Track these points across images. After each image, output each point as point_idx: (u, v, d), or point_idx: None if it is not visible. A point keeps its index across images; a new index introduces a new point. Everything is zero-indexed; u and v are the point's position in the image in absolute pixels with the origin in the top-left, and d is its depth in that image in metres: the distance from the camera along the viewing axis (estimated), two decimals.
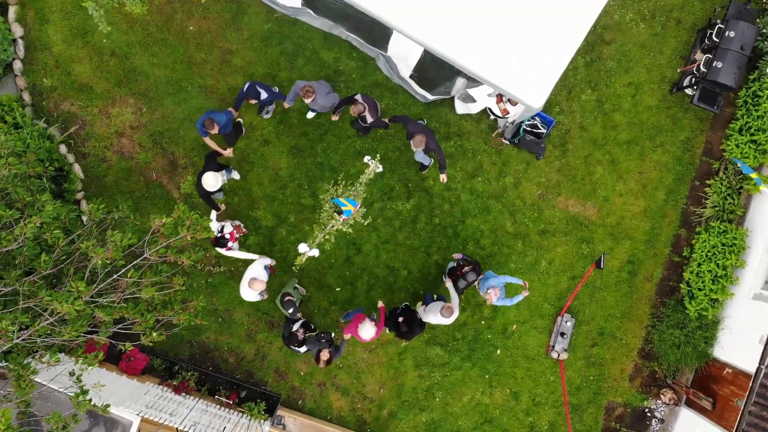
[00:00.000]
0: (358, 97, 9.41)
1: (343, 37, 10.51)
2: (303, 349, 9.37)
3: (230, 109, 9.67)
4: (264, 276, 9.22)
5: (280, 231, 10.67)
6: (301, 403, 10.86)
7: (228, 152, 9.85)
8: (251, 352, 10.74)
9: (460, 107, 10.48)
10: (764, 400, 9.18)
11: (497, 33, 8.42)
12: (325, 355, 9.06)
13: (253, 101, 9.64)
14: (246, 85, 9.53)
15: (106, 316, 7.37)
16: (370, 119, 9.59)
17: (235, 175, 10.46)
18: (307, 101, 9.16)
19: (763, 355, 9.20)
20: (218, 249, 9.62)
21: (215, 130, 9.19)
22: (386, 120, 9.93)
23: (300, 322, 9.48)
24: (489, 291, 9.31)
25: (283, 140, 10.65)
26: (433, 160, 10.54)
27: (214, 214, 9.68)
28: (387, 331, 9.88)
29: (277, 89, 9.89)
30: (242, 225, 10.00)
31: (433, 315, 9.38)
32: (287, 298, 9.22)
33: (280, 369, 10.78)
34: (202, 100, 10.55)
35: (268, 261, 9.47)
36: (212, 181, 9.14)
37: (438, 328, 10.82)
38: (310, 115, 10.51)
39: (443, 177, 9.76)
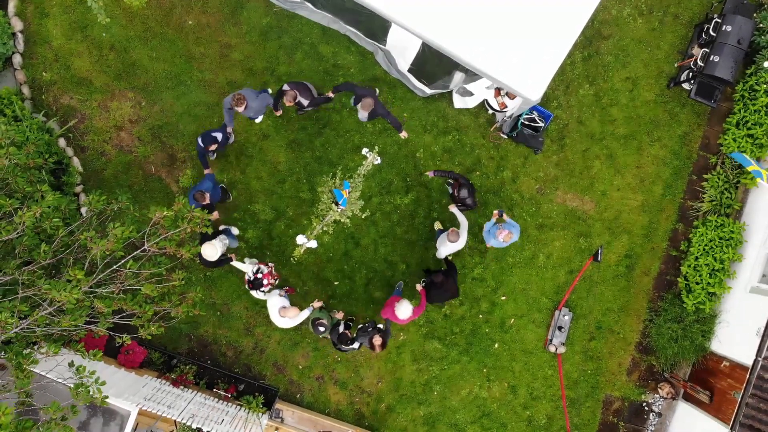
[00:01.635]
0: (286, 86, 9.26)
1: (341, 31, 10.54)
2: (356, 344, 9.30)
3: (206, 171, 9.54)
4: (287, 301, 9.25)
5: (279, 225, 10.68)
6: (299, 396, 10.88)
7: (215, 215, 9.46)
8: (249, 346, 10.76)
9: (458, 101, 10.52)
10: (761, 392, 9.21)
11: (495, 26, 8.45)
12: (377, 340, 8.97)
13: (214, 146, 9.43)
14: (199, 141, 9.33)
15: (105, 307, 7.40)
16: (305, 102, 9.46)
17: (235, 231, 10.43)
18: (240, 110, 8.96)
19: (759, 348, 9.23)
20: (253, 292, 9.48)
21: (207, 200, 8.99)
22: (329, 94, 9.66)
23: (342, 326, 9.47)
24: (503, 232, 9.28)
25: (282, 134, 10.68)
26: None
27: (248, 266, 9.53)
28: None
29: (227, 125, 9.66)
30: (273, 268, 9.85)
31: (443, 248, 9.35)
32: (319, 321, 9.16)
33: (279, 363, 10.80)
34: (201, 94, 10.58)
35: (280, 295, 9.39)
36: (210, 251, 8.91)
37: (436, 323, 10.84)
38: (259, 119, 10.19)
39: (404, 134, 9.71)
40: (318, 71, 10.65)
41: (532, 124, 10.49)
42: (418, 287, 9.64)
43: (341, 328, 9.39)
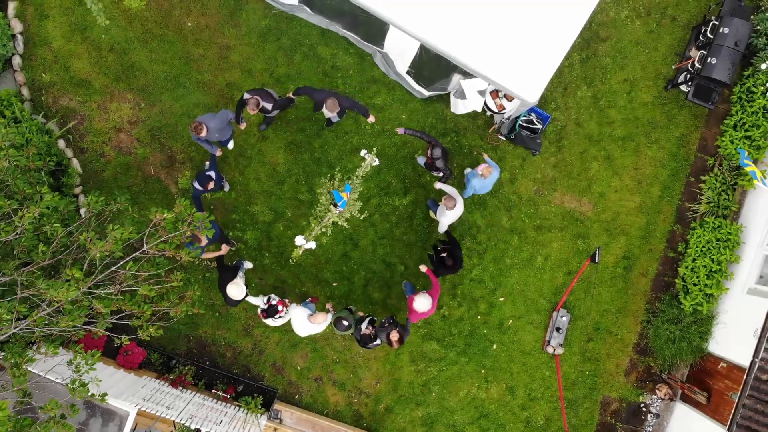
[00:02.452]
0: (246, 95, 9.13)
1: (340, 33, 10.57)
2: (377, 342, 9.35)
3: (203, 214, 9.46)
4: (313, 309, 9.32)
5: (278, 226, 10.71)
6: (298, 397, 10.91)
7: (224, 248, 9.60)
8: (248, 347, 10.78)
9: (460, 107, 10.49)
10: (758, 393, 9.23)
11: (492, 28, 8.50)
12: (394, 335, 9.01)
13: (211, 185, 9.31)
14: (195, 185, 9.20)
15: (104, 308, 7.43)
16: (269, 105, 9.32)
17: (248, 265, 10.47)
18: (203, 135, 8.91)
19: (756, 349, 9.25)
20: (268, 320, 9.39)
21: (204, 242, 8.96)
22: (290, 95, 9.56)
23: (366, 321, 9.47)
24: (482, 165, 9.33)
25: (281, 136, 10.71)
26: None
27: (260, 299, 9.56)
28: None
29: (214, 158, 9.65)
30: (287, 300, 9.83)
31: (444, 218, 9.38)
32: (342, 318, 9.19)
33: (277, 363, 10.82)
34: (200, 95, 10.61)
35: (304, 311, 9.39)
36: (236, 291, 8.98)
37: (434, 324, 10.86)
38: (217, 153, 9.83)
39: (371, 119, 9.66)
40: (317, 73, 10.68)
41: (530, 125, 10.52)
42: (423, 268, 9.59)
43: (364, 327, 9.40)
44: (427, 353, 10.94)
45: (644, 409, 11.22)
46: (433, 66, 9.59)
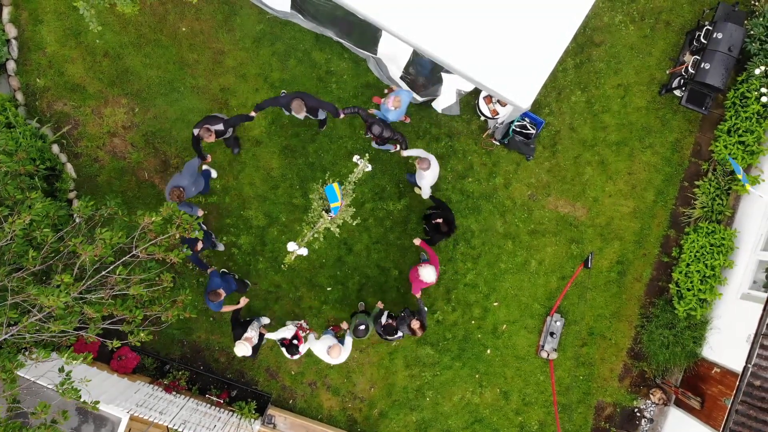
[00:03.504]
0: (194, 131, 8.97)
1: (333, 38, 10.57)
2: (400, 333, 9.38)
3: (209, 270, 9.48)
4: (334, 339, 9.32)
5: (272, 231, 10.72)
6: (291, 402, 10.90)
7: (243, 301, 9.57)
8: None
9: (440, 103, 10.48)
10: (751, 398, 9.22)
11: (485, 33, 8.50)
12: (415, 324, 9.05)
13: (200, 246, 9.29)
14: (189, 254, 9.17)
15: (95, 313, 7.44)
16: (221, 128, 9.14)
17: (265, 320, 10.46)
18: (185, 197, 8.94)
19: (749, 354, 9.25)
20: (291, 356, 9.34)
21: (222, 297, 9.05)
22: (251, 113, 9.36)
23: (385, 315, 9.51)
24: (390, 98, 9.31)
25: (275, 140, 10.72)
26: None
27: (289, 330, 9.45)
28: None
29: (203, 231, 9.70)
30: (303, 322, 9.80)
31: (423, 181, 9.38)
32: (360, 323, 9.24)
33: (271, 368, 10.82)
34: (194, 100, 10.62)
35: (324, 344, 9.37)
36: (243, 350, 8.98)
37: (429, 328, 10.84)
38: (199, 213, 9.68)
39: (342, 115, 9.54)
40: (311, 78, 10.70)
41: (524, 130, 10.52)
42: (417, 241, 9.65)
43: (384, 319, 9.43)
44: (422, 358, 10.93)
45: (638, 414, 11.21)
46: (425, 73, 9.59)
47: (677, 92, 10.91)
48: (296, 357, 9.30)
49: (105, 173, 10.59)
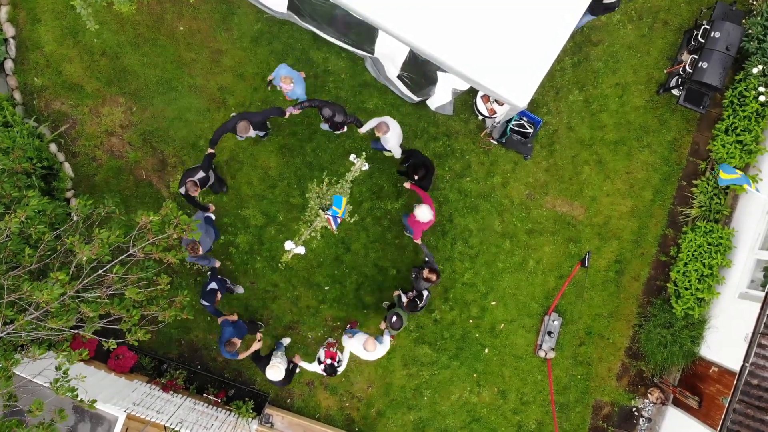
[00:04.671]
0: (181, 190, 9.02)
1: (330, 40, 10.56)
2: (425, 295, 9.47)
3: (220, 319, 9.58)
4: (366, 335, 9.37)
5: (269, 230, 10.71)
6: (289, 401, 10.89)
7: (256, 345, 9.44)
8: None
9: (434, 101, 10.49)
10: (749, 397, 9.21)
11: (482, 32, 8.49)
12: (426, 273, 9.14)
13: (219, 296, 9.53)
14: (203, 302, 9.37)
15: (91, 312, 7.43)
16: (202, 175, 9.17)
17: (286, 341, 10.57)
18: (201, 251, 8.96)
19: (747, 353, 9.23)
20: (334, 375, 9.44)
21: (237, 346, 9.14)
22: (211, 151, 9.32)
23: (403, 295, 9.65)
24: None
25: (273, 139, 10.72)
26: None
27: (317, 365, 9.49)
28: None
29: (215, 270, 9.89)
30: (330, 339, 9.85)
31: (388, 144, 9.42)
32: (394, 313, 9.28)
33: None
34: (192, 99, 10.63)
35: (358, 341, 9.40)
36: (275, 374, 8.96)
37: (426, 328, 10.85)
38: (216, 264, 10.25)
39: (287, 114, 9.59)
40: (308, 76, 10.68)
41: (521, 129, 10.52)
42: (407, 185, 9.72)
43: (404, 299, 9.56)
44: (419, 357, 10.92)
45: (636, 414, 11.20)
46: (421, 72, 9.59)
47: (675, 91, 10.90)
48: (341, 371, 9.37)
49: (103, 172, 10.60)
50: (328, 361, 9.24)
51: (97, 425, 8.60)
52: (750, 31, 10.38)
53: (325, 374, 9.31)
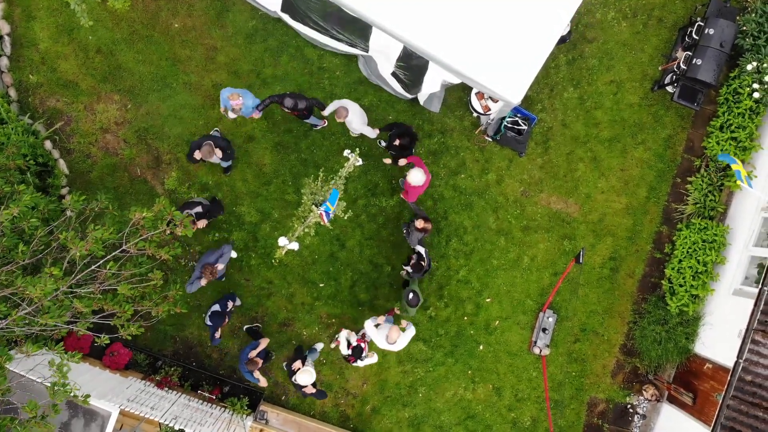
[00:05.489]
0: (185, 211, 9.23)
1: (318, 45, 10.54)
2: (426, 259, 9.70)
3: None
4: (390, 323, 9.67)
5: (264, 227, 10.73)
6: (284, 398, 10.90)
7: (263, 382, 9.75)
8: (235, 348, 10.77)
9: (424, 96, 10.52)
10: (742, 393, 9.21)
11: (475, 28, 8.51)
12: (419, 223, 9.36)
13: (226, 319, 9.72)
14: (208, 323, 9.61)
15: (84, 307, 7.44)
16: (201, 209, 9.55)
17: (319, 346, 10.67)
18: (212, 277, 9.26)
19: (741, 349, 9.24)
20: (358, 363, 9.67)
21: (260, 364, 9.44)
22: (192, 158, 9.56)
23: (407, 267, 9.95)
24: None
25: (268, 137, 10.73)
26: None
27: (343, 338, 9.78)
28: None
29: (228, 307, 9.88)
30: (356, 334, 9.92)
31: (353, 125, 9.66)
32: (410, 290, 9.47)
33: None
34: (186, 96, 10.64)
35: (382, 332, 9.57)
36: (306, 378, 9.11)
37: (421, 325, 10.85)
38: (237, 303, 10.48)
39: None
40: (303, 74, 10.72)
41: (516, 126, 10.53)
42: (402, 162, 9.90)
43: (409, 268, 9.77)
44: (414, 354, 10.93)
45: (631, 410, 11.21)
46: (415, 70, 9.60)
47: (669, 88, 10.91)
48: (361, 364, 9.63)
49: (97, 169, 10.60)
50: (355, 342, 9.47)
51: (91, 421, 8.60)
52: (744, 28, 10.39)
53: (349, 356, 9.48)
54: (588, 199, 11.05)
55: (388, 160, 9.99)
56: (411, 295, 9.36)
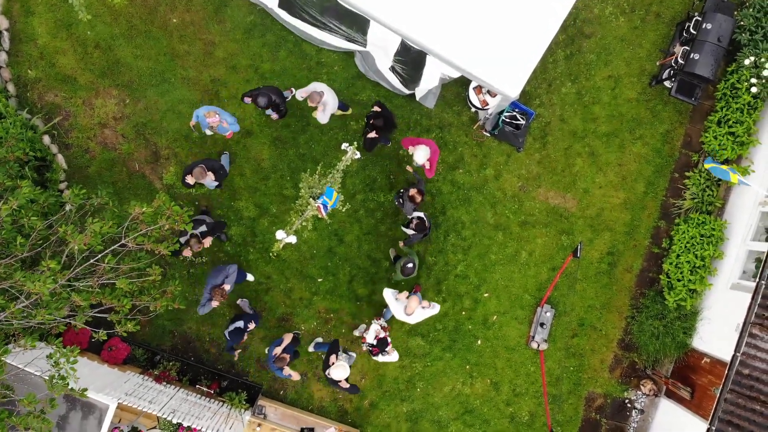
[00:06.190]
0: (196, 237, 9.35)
1: (314, 43, 10.56)
2: (427, 220, 9.90)
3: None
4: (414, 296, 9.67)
5: (262, 222, 10.74)
6: (282, 393, 10.91)
7: (296, 376, 9.70)
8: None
9: (421, 92, 10.54)
10: (740, 387, 9.24)
11: (473, 21, 8.53)
12: (412, 193, 9.47)
13: (245, 337, 9.83)
14: (226, 335, 9.74)
15: (83, 301, 7.45)
16: (205, 228, 9.59)
17: (354, 354, 10.46)
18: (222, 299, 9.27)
19: (738, 343, 9.26)
20: (379, 358, 9.69)
21: (287, 361, 9.40)
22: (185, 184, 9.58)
23: (409, 226, 9.99)
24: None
25: (266, 131, 10.74)
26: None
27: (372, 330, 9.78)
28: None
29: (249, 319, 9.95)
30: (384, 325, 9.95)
31: (323, 113, 9.63)
32: (408, 260, 9.52)
33: (262, 359, 10.81)
34: (185, 91, 10.64)
35: (400, 305, 9.62)
36: (341, 373, 9.12)
37: None
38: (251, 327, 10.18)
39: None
40: (301, 69, 10.73)
41: (513, 121, 10.54)
42: (412, 149, 9.84)
43: (409, 231, 9.85)
44: (412, 349, 10.94)
45: (629, 405, 11.23)
46: (412, 65, 9.62)
47: (667, 83, 10.93)
48: (382, 358, 9.66)
49: (96, 164, 10.61)
50: (383, 334, 9.52)
51: (89, 414, 8.61)
52: (742, 23, 10.40)
53: (373, 347, 9.54)
54: (586, 194, 11.06)
55: (406, 143, 10.00)
56: (410, 265, 9.41)
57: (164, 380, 10.23)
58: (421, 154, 9.43)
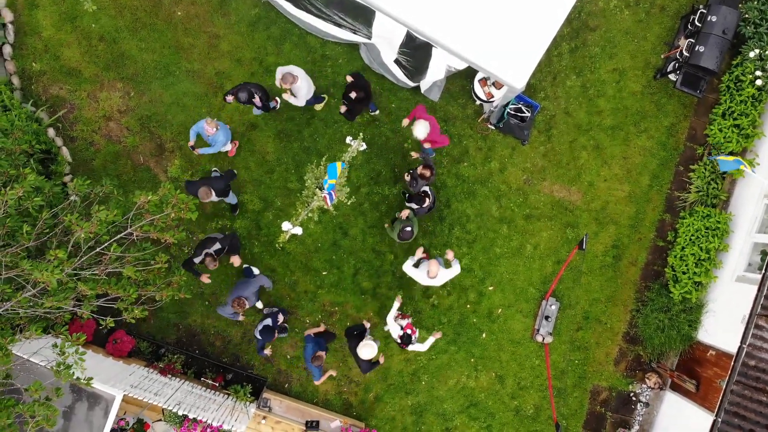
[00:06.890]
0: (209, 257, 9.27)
1: (319, 35, 10.55)
2: (432, 195, 9.74)
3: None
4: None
5: (267, 215, 10.72)
6: (287, 386, 10.90)
7: (332, 372, 9.87)
8: (238, 336, 10.78)
9: (427, 84, 10.53)
10: (746, 379, 9.22)
11: (480, 12, 8.51)
12: (420, 170, 9.37)
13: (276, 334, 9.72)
14: (257, 335, 9.59)
15: (89, 290, 7.45)
16: (219, 246, 9.47)
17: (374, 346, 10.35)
18: (247, 306, 9.25)
19: (744, 334, 9.24)
20: (406, 347, 9.60)
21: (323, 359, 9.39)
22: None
23: (414, 200, 9.73)
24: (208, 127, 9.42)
25: (270, 125, 10.73)
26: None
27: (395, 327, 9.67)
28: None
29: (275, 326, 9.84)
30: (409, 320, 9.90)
31: (298, 98, 9.63)
32: (406, 226, 9.39)
33: (290, 356, 10.80)
34: (189, 84, 10.64)
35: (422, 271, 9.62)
36: (368, 352, 9.05)
37: (424, 313, 10.86)
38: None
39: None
40: (306, 62, 10.72)
41: (519, 114, 10.54)
42: (405, 122, 9.81)
43: (415, 206, 9.67)
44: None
45: (634, 398, 11.21)
46: (419, 57, 9.60)
47: (672, 76, 10.92)
48: (411, 347, 9.52)
49: (100, 157, 10.61)
50: (408, 331, 9.44)
51: (94, 404, 8.60)
52: (747, 16, 10.39)
53: (399, 341, 9.47)
54: (591, 187, 11.05)
55: (405, 122, 9.85)
56: (408, 229, 9.31)
57: (169, 373, 10.22)
58: (420, 129, 9.29)
